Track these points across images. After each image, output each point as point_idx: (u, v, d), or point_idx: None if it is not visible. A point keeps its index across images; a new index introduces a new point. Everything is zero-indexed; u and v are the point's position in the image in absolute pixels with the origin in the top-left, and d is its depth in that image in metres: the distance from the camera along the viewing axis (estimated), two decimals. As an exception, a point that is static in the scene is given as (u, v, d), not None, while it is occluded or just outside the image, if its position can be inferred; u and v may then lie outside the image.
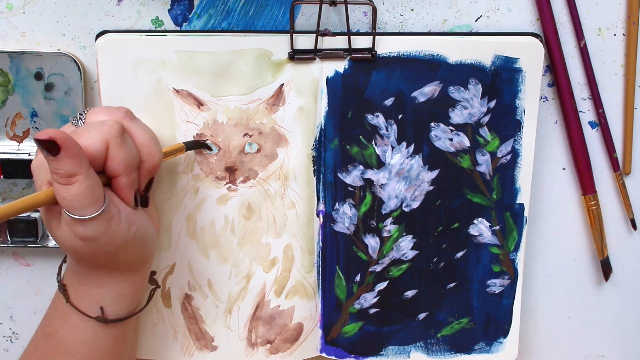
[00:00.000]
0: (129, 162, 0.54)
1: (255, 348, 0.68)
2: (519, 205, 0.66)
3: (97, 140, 0.52)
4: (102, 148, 0.53)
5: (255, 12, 0.63)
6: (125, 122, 0.55)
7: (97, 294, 0.57)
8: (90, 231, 0.52)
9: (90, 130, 0.53)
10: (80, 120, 0.56)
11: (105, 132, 0.53)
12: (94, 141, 0.52)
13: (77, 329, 0.57)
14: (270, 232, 0.66)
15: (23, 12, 0.63)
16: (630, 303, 0.71)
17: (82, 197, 0.51)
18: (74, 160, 0.50)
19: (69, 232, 0.53)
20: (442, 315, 0.68)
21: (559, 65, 0.64)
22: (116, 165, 0.54)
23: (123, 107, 0.57)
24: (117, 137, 0.53)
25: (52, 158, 0.50)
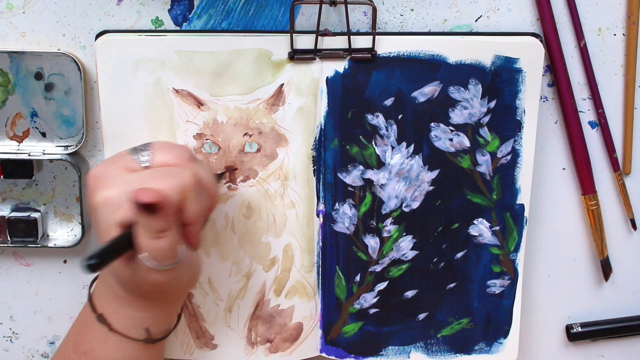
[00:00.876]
0: (203, 212, 0.55)
1: (255, 347, 0.68)
2: (519, 206, 0.65)
3: (177, 192, 0.51)
4: (179, 200, 0.52)
5: (255, 12, 0.63)
6: (192, 165, 0.54)
7: (141, 317, 0.57)
8: (162, 278, 0.53)
9: (168, 179, 0.52)
10: (146, 156, 0.54)
11: (185, 185, 0.52)
12: (174, 192, 0.51)
13: (117, 348, 0.57)
14: (270, 231, 0.66)
15: (23, 12, 0.63)
16: (630, 303, 0.71)
17: (167, 251, 0.52)
18: (168, 219, 0.51)
19: (140, 276, 0.53)
20: (442, 315, 0.68)
21: (559, 65, 0.64)
22: (191, 215, 0.53)
23: (187, 148, 0.56)
24: (194, 190, 0.53)
25: (149, 216, 0.50)
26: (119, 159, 0.54)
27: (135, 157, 0.54)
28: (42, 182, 0.67)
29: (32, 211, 0.68)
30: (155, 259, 0.51)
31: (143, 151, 0.54)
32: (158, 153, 0.54)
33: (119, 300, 0.56)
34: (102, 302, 0.57)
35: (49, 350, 0.72)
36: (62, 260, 0.69)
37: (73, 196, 0.67)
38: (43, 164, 0.67)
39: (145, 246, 0.51)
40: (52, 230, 0.68)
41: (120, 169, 0.53)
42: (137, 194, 0.49)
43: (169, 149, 0.55)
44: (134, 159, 0.54)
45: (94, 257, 0.48)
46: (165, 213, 0.50)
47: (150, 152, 0.54)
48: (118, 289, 0.56)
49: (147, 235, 0.51)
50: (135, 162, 0.54)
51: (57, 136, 0.66)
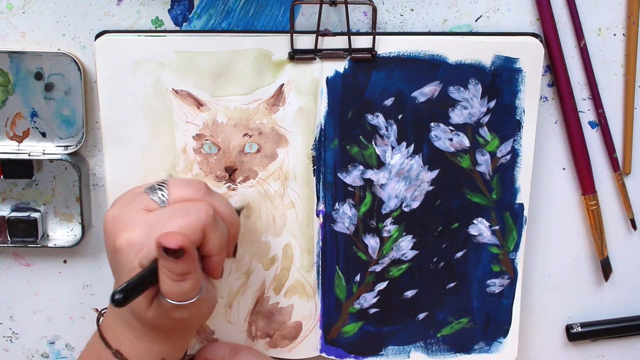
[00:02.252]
0: (223, 242, 0.55)
1: (256, 340, 0.68)
2: (519, 205, 0.66)
3: (197, 229, 0.52)
4: (199, 235, 0.53)
5: (255, 12, 0.63)
6: (209, 198, 0.55)
7: (159, 349, 0.57)
8: (185, 314, 0.53)
9: (187, 216, 0.52)
10: (162, 195, 0.55)
11: (203, 220, 0.52)
12: (194, 230, 0.52)
13: None
14: (269, 231, 0.66)
15: (23, 12, 0.63)
16: (630, 303, 0.71)
17: (191, 291, 0.52)
18: (191, 262, 0.51)
19: (162, 314, 0.53)
20: (441, 315, 0.68)
21: (559, 65, 0.64)
22: (212, 248, 0.54)
23: (202, 182, 0.56)
24: (213, 224, 0.53)
25: (173, 260, 0.50)
26: (136, 199, 0.55)
27: (153, 196, 0.54)
28: (42, 182, 0.67)
29: (32, 211, 0.68)
30: (178, 300, 0.52)
31: (160, 190, 0.55)
32: (174, 190, 0.55)
33: (136, 333, 0.56)
34: (118, 335, 0.57)
35: (49, 350, 0.72)
36: (62, 260, 0.69)
37: (73, 196, 0.67)
38: (43, 164, 0.67)
39: (169, 288, 0.51)
40: (52, 230, 0.68)
41: (139, 210, 0.54)
42: (162, 240, 0.50)
43: (185, 185, 0.55)
44: (152, 198, 0.54)
45: (121, 291, 0.49)
46: (189, 256, 0.50)
47: (166, 189, 0.55)
48: (136, 325, 0.56)
49: (169, 277, 0.51)
50: (153, 202, 0.54)
51: (57, 136, 0.66)
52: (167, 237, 0.50)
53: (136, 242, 0.52)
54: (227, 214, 0.56)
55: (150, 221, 0.53)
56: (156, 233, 0.51)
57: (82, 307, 0.70)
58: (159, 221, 0.52)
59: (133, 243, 0.52)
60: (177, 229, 0.51)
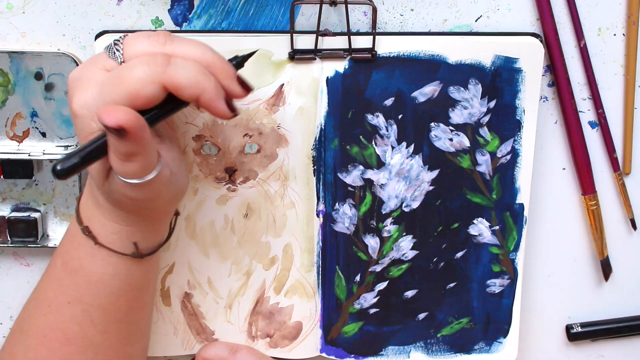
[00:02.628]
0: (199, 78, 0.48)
1: (256, 340, 0.68)
2: (519, 205, 0.66)
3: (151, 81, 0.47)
4: (158, 88, 0.48)
5: (255, 12, 0.63)
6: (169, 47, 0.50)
7: (127, 231, 0.54)
8: (139, 194, 0.50)
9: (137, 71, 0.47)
10: (118, 51, 0.50)
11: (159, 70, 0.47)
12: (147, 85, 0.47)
13: (107, 264, 0.55)
14: (270, 231, 0.66)
15: (23, 12, 0.63)
16: (630, 303, 0.71)
17: (138, 171, 0.48)
18: (137, 143, 0.46)
19: (118, 191, 0.50)
20: (442, 315, 0.68)
21: (559, 65, 0.64)
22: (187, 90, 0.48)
23: (162, 32, 0.50)
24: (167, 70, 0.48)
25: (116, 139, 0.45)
26: (95, 59, 0.50)
27: (110, 54, 0.50)
28: (42, 182, 0.67)
29: (32, 211, 0.68)
30: (121, 175, 0.48)
31: (115, 46, 0.50)
32: (129, 46, 0.50)
33: (103, 212, 0.54)
34: (89, 214, 0.55)
35: (49, 350, 0.72)
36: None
37: (73, 196, 0.67)
38: (43, 164, 0.67)
39: (115, 166, 0.48)
40: (52, 230, 0.68)
41: (97, 69, 0.50)
42: (100, 115, 0.45)
43: (140, 37, 0.50)
44: (109, 55, 0.50)
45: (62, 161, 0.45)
46: (135, 136, 0.45)
47: (121, 45, 0.50)
48: (102, 201, 0.53)
49: (116, 156, 0.47)
50: (110, 60, 0.50)
51: (57, 136, 0.66)
52: (107, 112, 0.45)
53: (90, 104, 0.48)
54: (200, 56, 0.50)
55: (103, 80, 0.48)
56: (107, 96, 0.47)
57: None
58: (110, 82, 0.48)
59: (87, 105, 0.48)
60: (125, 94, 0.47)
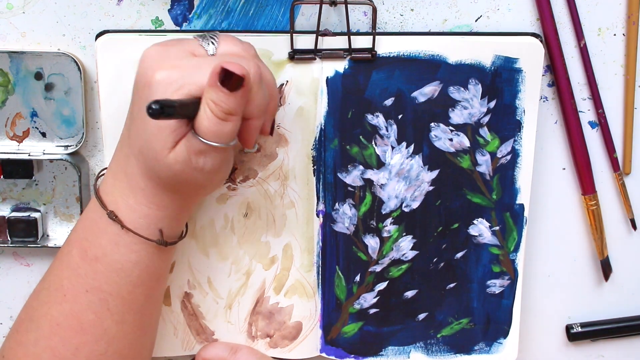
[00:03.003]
0: (264, 107, 0.53)
1: (256, 340, 0.68)
2: (519, 206, 0.66)
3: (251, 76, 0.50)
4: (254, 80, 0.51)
5: (255, 12, 0.63)
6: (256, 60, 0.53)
7: (157, 216, 0.55)
8: (208, 163, 0.51)
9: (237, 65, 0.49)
10: (213, 44, 0.53)
11: (252, 75, 0.50)
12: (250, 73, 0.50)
13: (130, 251, 0.55)
14: (269, 231, 0.66)
15: (23, 12, 0.63)
16: (630, 303, 0.71)
17: (230, 133, 0.50)
18: (242, 101, 0.49)
19: (184, 159, 0.51)
20: (442, 315, 0.68)
21: (559, 65, 0.64)
22: (254, 108, 0.52)
23: (252, 45, 0.54)
24: (259, 82, 0.51)
25: (226, 92, 0.48)
26: (184, 42, 0.53)
27: (203, 42, 0.53)
28: (42, 182, 0.67)
29: (32, 211, 0.68)
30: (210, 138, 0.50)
31: (211, 39, 0.53)
32: (224, 43, 0.53)
33: (137, 194, 0.54)
34: (116, 198, 0.55)
35: (49, 350, 0.72)
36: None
37: (73, 196, 0.67)
38: (43, 164, 0.67)
39: (209, 125, 0.49)
40: (52, 230, 0.68)
41: (185, 51, 0.52)
42: (225, 64, 0.47)
43: (235, 41, 0.54)
44: (201, 44, 0.53)
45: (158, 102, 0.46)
46: (244, 92, 0.48)
47: (217, 41, 0.53)
48: (141, 180, 0.53)
49: (215, 113, 0.49)
50: (201, 49, 0.53)
51: (57, 136, 0.66)
52: (232, 63, 0.47)
53: (176, 79, 0.49)
54: (271, 83, 0.54)
55: (195, 63, 0.50)
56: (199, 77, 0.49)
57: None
58: (205, 65, 0.50)
59: (173, 79, 0.50)
60: None
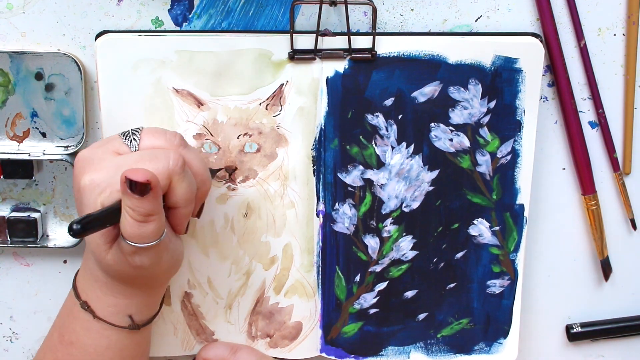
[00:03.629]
0: (191, 195, 0.54)
1: (256, 340, 0.68)
2: (519, 206, 0.66)
3: (163, 174, 0.52)
4: (166, 182, 0.52)
5: (255, 12, 0.63)
6: (182, 150, 0.55)
7: (124, 304, 0.57)
8: (145, 261, 0.53)
9: (155, 161, 0.52)
10: (135, 140, 0.54)
11: (171, 166, 0.52)
12: (161, 176, 0.52)
13: (102, 336, 0.57)
14: (269, 231, 0.66)
15: (23, 12, 0.63)
16: (630, 303, 0.71)
17: (154, 232, 0.52)
18: (157, 202, 0.51)
19: (121, 259, 0.53)
20: (442, 315, 0.68)
21: (559, 65, 0.64)
22: (179, 199, 0.54)
23: (178, 134, 0.56)
24: (180, 172, 0.53)
25: (138, 197, 0.49)
26: (109, 142, 0.55)
27: (125, 140, 0.54)
28: (42, 182, 0.67)
29: (32, 211, 0.68)
30: (135, 240, 0.51)
31: (133, 134, 0.55)
32: (147, 137, 0.55)
33: (101, 287, 0.56)
34: (86, 289, 0.57)
35: (49, 350, 0.72)
36: (62, 260, 0.69)
37: (73, 196, 0.67)
38: (43, 164, 0.67)
39: (131, 229, 0.51)
40: (52, 231, 0.68)
41: (109, 152, 0.54)
42: (129, 173, 0.49)
43: (159, 133, 0.55)
44: (124, 142, 0.54)
45: (79, 222, 0.48)
46: (155, 195, 0.50)
47: (139, 135, 0.55)
48: (100, 274, 0.56)
49: (133, 217, 0.50)
50: (124, 146, 0.54)
51: (57, 136, 0.66)
52: (134, 171, 0.49)
53: (100, 181, 0.52)
54: (199, 170, 0.55)
55: (116, 163, 0.52)
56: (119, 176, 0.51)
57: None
58: (125, 164, 0.52)
59: (97, 183, 0.52)
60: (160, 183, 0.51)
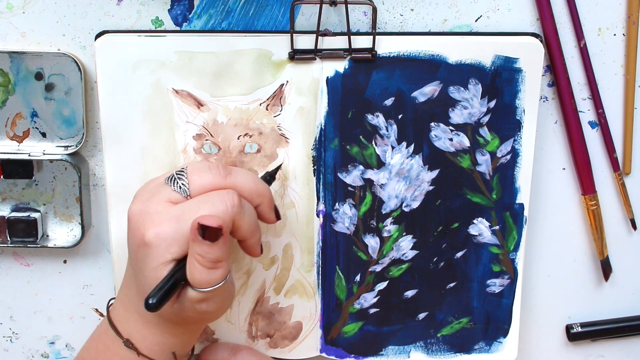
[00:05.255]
0: (253, 226, 0.55)
1: (256, 340, 0.68)
2: (519, 205, 0.66)
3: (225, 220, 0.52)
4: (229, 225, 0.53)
5: (255, 12, 0.63)
6: (230, 179, 0.54)
7: (172, 342, 0.57)
8: (211, 306, 0.53)
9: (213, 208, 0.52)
10: (183, 185, 0.54)
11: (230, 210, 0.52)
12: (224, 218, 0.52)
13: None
14: (269, 231, 0.66)
15: (23, 12, 0.63)
16: (630, 303, 0.71)
17: (223, 277, 0.52)
18: (226, 247, 0.51)
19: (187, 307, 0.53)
20: (442, 315, 0.68)
21: (559, 65, 0.64)
22: (244, 233, 0.54)
23: (219, 165, 0.55)
24: (239, 212, 0.53)
25: (209, 244, 0.50)
26: (159, 192, 0.54)
27: (174, 186, 0.54)
28: (42, 182, 0.67)
29: (32, 211, 0.68)
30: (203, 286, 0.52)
31: (179, 179, 0.54)
32: (194, 178, 0.54)
33: (150, 327, 0.56)
34: (129, 327, 0.57)
35: (49, 350, 0.72)
36: (62, 260, 0.69)
37: (73, 196, 0.67)
38: (43, 164, 0.67)
39: (200, 276, 0.51)
40: (52, 231, 0.68)
41: (163, 202, 0.53)
42: (201, 219, 0.50)
43: (204, 170, 0.54)
44: (173, 189, 0.54)
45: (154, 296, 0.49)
46: (225, 241, 0.51)
47: (186, 178, 0.54)
48: (152, 317, 0.56)
49: (202, 264, 0.51)
50: (175, 193, 0.54)
51: (57, 136, 0.66)
52: (206, 217, 0.50)
53: (166, 236, 0.52)
54: (253, 189, 0.55)
55: (177, 214, 0.52)
56: (184, 226, 0.52)
57: (82, 307, 0.70)
58: (186, 214, 0.52)
59: (163, 237, 0.52)
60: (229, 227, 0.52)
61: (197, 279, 0.51)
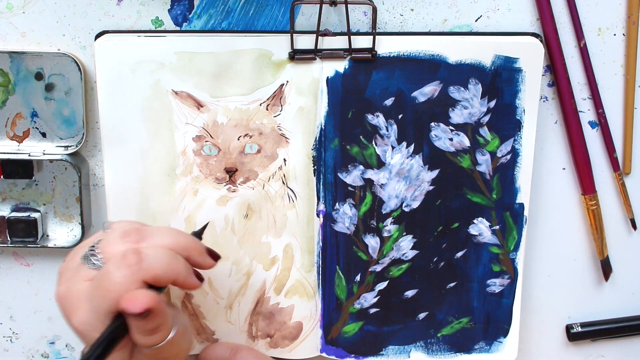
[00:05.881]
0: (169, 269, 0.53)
1: (256, 340, 0.68)
2: (519, 205, 0.66)
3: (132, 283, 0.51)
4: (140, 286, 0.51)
5: (255, 12, 0.63)
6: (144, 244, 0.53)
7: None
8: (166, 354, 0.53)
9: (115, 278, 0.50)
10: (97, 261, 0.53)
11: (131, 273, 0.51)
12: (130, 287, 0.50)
13: None
14: (270, 231, 0.66)
15: (23, 12, 0.63)
16: (630, 303, 0.71)
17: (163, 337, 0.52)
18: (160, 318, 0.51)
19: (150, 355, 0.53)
20: (442, 315, 0.68)
21: (559, 65, 0.64)
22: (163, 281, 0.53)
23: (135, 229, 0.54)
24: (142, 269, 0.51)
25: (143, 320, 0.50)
26: (77, 272, 0.53)
27: (88, 265, 0.53)
28: (42, 182, 0.67)
29: (32, 211, 0.68)
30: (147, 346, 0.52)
31: (92, 256, 0.53)
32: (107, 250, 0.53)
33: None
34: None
35: (49, 350, 0.72)
36: (62, 260, 0.69)
37: (73, 196, 0.67)
38: (43, 164, 0.67)
39: (143, 342, 0.51)
40: (52, 231, 0.68)
41: (81, 282, 0.53)
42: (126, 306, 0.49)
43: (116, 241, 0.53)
44: (89, 267, 0.53)
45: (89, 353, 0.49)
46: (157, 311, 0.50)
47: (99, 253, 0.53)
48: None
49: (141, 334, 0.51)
50: (91, 271, 0.53)
51: (57, 136, 0.66)
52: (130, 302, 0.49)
53: (86, 319, 0.51)
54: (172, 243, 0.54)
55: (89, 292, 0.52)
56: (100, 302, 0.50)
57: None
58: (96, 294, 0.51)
59: (84, 322, 0.51)
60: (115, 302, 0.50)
61: (140, 342, 0.51)
